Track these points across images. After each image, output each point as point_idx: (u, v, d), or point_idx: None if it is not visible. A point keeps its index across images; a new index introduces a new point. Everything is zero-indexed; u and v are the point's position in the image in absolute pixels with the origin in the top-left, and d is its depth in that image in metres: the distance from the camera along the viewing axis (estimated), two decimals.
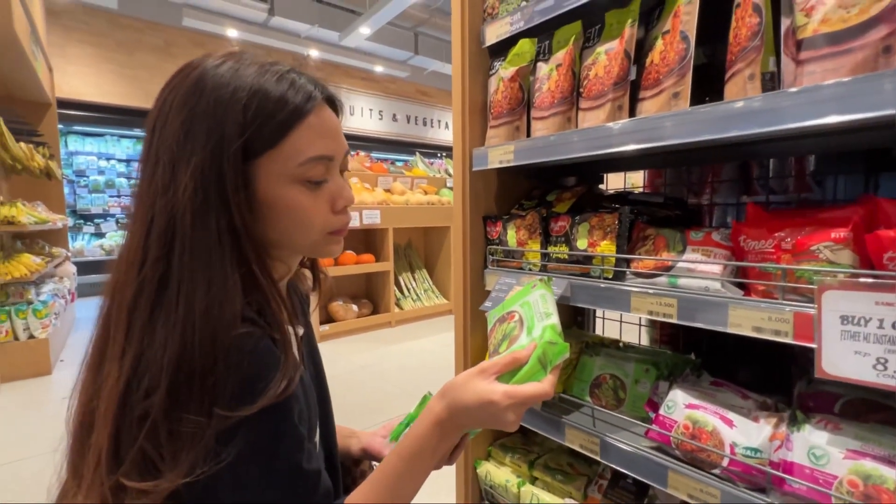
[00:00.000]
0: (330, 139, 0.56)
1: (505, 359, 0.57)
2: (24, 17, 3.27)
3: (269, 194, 0.53)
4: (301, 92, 0.54)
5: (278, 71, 0.54)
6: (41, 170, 3.95)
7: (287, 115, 0.52)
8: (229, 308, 0.47)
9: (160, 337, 0.45)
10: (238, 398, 0.46)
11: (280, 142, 0.52)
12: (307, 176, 0.54)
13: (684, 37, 0.77)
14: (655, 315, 0.83)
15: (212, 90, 0.50)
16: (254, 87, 0.51)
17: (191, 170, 0.48)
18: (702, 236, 0.81)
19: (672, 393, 0.87)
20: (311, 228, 0.57)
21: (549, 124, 1.00)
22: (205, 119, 0.49)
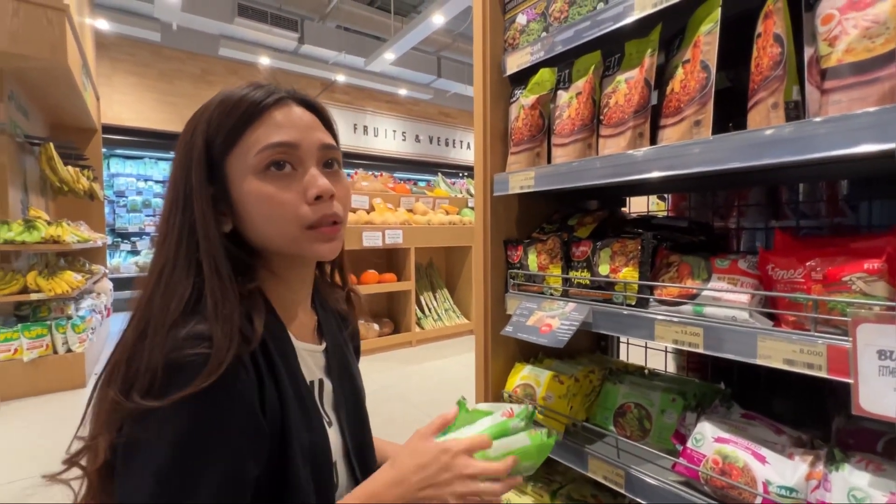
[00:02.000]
0: (292, 129, 0.56)
1: (436, 420, 0.64)
2: (77, 52, 3.53)
3: (239, 192, 0.56)
4: (262, 90, 0.57)
5: (249, 83, 0.59)
6: (85, 191, 4.19)
7: (244, 111, 0.55)
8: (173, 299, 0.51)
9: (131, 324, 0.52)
10: (149, 393, 0.47)
11: (238, 140, 0.55)
12: (265, 163, 0.55)
13: (705, 66, 0.77)
14: (680, 344, 0.81)
15: (197, 112, 0.58)
16: (222, 99, 0.57)
17: (170, 177, 0.57)
18: (727, 264, 0.79)
19: (700, 425, 0.84)
20: (284, 221, 0.56)
21: (569, 151, 1.01)
22: (184, 134, 0.57)
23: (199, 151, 0.55)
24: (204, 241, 0.53)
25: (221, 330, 0.49)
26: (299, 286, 0.66)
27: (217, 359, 0.48)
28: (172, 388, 0.46)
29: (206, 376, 0.47)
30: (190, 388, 0.46)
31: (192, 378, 0.47)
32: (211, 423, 0.48)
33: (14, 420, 2.58)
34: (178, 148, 0.58)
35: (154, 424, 0.47)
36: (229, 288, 0.53)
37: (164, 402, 0.46)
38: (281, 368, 0.57)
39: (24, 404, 2.81)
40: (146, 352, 0.48)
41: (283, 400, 0.56)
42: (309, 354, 0.66)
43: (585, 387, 1.10)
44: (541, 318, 1.03)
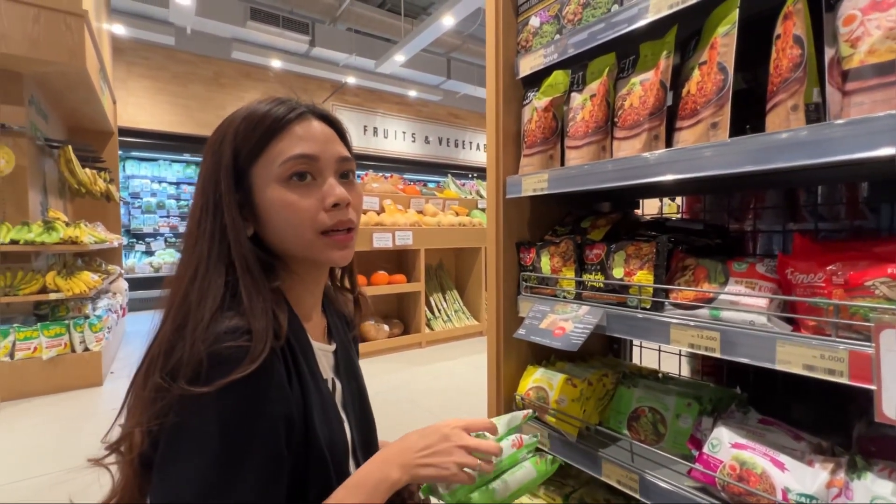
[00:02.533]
0: (312, 142, 0.61)
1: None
2: (95, 56, 3.61)
3: (262, 198, 0.60)
4: (286, 105, 0.61)
5: (273, 98, 0.63)
6: (102, 193, 4.27)
7: (269, 125, 0.59)
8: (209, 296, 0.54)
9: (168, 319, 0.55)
10: (195, 380, 0.49)
11: (265, 149, 0.59)
12: (289, 174, 0.59)
13: (722, 68, 0.77)
14: (697, 348, 0.80)
15: (225, 122, 0.62)
16: (248, 112, 0.61)
17: (199, 182, 0.61)
18: (745, 268, 0.79)
19: (717, 430, 0.83)
20: (301, 226, 0.60)
21: (583, 153, 1.01)
22: (213, 143, 0.61)
23: (227, 160, 0.59)
24: (235, 243, 0.58)
25: (259, 323, 0.53)
26: (315, 288, 0.70)
27: (257, 349, 0.52)
28: (217, 376, 0.50)
29: (248, 364, 0.51)
30: (234, 375, 0.50)
31: (235, 367, 0.50)
32: (254, 407, 0.52)
33: (34, 417, 2.63)
34: (205, 157, 0.62)
35: (201, 409, 0.50)
36: (261, 285, 0.57)
37: (211, 388, 0.49)
38: (303, 365, 0.61)
39: (43, 401, 2.87)
40: (188, 344, 0.51)
41: (306, 395, 0.59)
42: (323, 353, 0.69)
43: (599, 390, 1.09)
44: (554, 320, 1.03)
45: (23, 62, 3.01)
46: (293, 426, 0.56)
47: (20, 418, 2.61)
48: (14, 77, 3.12)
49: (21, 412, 2.70)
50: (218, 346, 0.51)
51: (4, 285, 2.91)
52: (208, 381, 0.49)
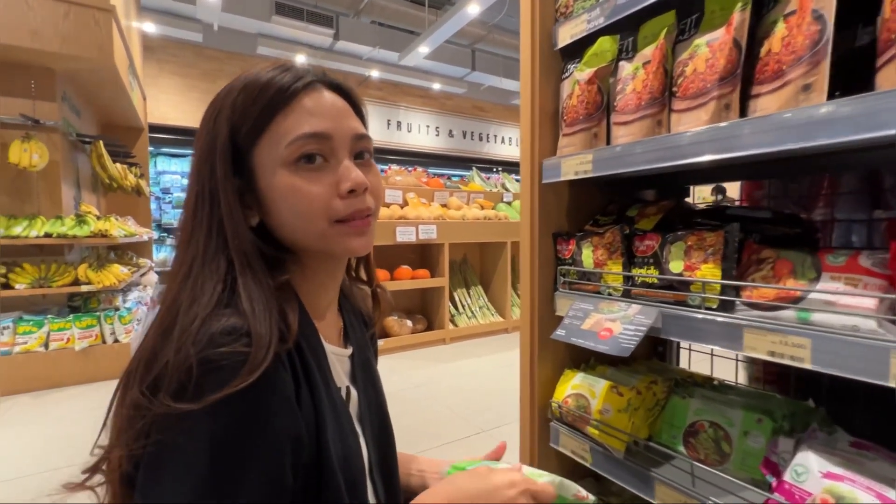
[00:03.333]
0: (324, 118, 0.52)
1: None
2: (124, 54, 3.65)
3: (267, 184, 0.51)
4: (290, 73, 0.52)
5: (275, 64, 0.53)
6: (133, 188, 4.36)
7: (272, 97, 0.50)
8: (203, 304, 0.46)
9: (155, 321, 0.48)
10: (182, 393, 0.41)
11: (268, 125, 0.50)
12: (296, 156, 0.50)
13: (818, 17, 0.63)
14: (779, 357, 0.67)
15: (218, 97, 0.53)
16: (246, 82, 0.51)
17: (192, 165, 0.52)
18: (844, 261, 0.65)
19: (801, 455, 0.70)
20: (312, 215, 0.51)
21: (634, 129, 0.88)
22: (207, 120, 0.52)
23: (223, 140, 0.50)
24: (233, 236, 0.50)
25: (260, 324, 0.45)
26: (330, 284, 0.61)
27: (257, 355, 0.43)
28: (209, 388, 0.41)
29: (247, 374, 0.42)
30: (228, 388, 0.41)
31: (231, 377, 0.42)
32: (251, 424, 0.43)
33: (68, 406, 2.69)
34: (199, 136, 0.53)
35: (188, 427, 0.41)
36: (263, 282, 0.49)
37: (201, 405, 0.40)
38: (315, 372, 0.52)
39: (76, 391, 2.93)
40: (173, 350, 0.43)
41: (318, 406, 0.51)
42: (338, 359, 0.60)
43: (648, 400, 0.97)
44: (599, 320, 0.91)
45: (55, 58, 3.06)
46: (301, 447, 0.47)
47: (55, 407, 2.66)
48: (47, 73, 3.18)
49: (55, 401, 2.76)
50: (210, 351, 0.42)
51: (39, 277, 2.98)
52: (197, 395, 0.41)
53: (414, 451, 0.76)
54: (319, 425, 0.50)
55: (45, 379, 2.94)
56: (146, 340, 0.46)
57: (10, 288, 2.88)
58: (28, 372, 2.89)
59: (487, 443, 2.18)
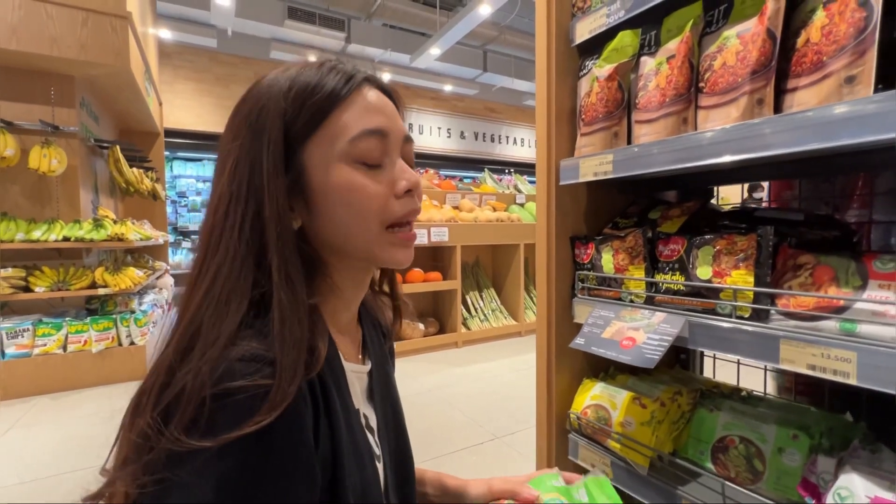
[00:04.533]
0: (379, 114, 0.50)
1: None
2: (140, 60, 3.70)
3: (321, 181, 0.48)
4: (341, 73, 0.50)
5: (320, 61, 0.51)
6: (149, 192, 4.42)
7: (327, 95, 0.48)
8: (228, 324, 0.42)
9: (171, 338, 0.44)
10: (194, 427, 0.37)
11: (323, 122, 0.48)
12: (360, 152, 0.48)
13: (864, 2, 0.58)
14: (821, 371, 0.62)
15: (259, 90, 0.50)
16: (294, 76, 0.49)
17: (231, 161, 0.48)
18: (894, 266, 0.59)
19: (845, 477, 0.64)
20: (369, 215, 0.49)
21: (658, 128, 0.83)
22: (248, 114, 0.49)
23: (275, 134, 0.47)
24: (278, 241, 0.45)
25: (288, 353, 0.41)
26: (354, 300, 0.58)
27: (281, 393, 0.39)
28: (223, 425, 0.37)
29: (266, 412, 0.38)
30: (244, 428, 0.37)
31: (248, 414, 0.38)
32: (264, 468, 0.39)
33: (86, 407, 2.72)
34: (234, 133, 0.49)
35: (197, 467, 0.38)
36: (301, 299, 0.45)
37: (212, 443, 0.37)
38: (334, 397, 0.48)
39: (94, 392, 2.97)
40: (191, 375, 0.39)
41: (336, 433, 0.47)
42: (356, 377, 0.56)
43: (673, 412, 0.92)
44: (620, 329, 0.86)
45: (73, 65, 3.11)
46: (316, 486, 0.43)
47: (73, 408, 2.70)
48: (66, 80, 3.24)
49: (73, 403, 2.80)
50: (230, 384, 0.38)
51: (58, 280, 3.02)
52: (210, 431, 0.37)
53: (427, 456, 0.73)
54: (336, 459, 0.46)
55: (63, 381, 2.98)
56: (163, 358, 0.43)
57: (30, 291, 2.93)
58: (47, 374, 2.94)
59: (501, 449, 2.13)
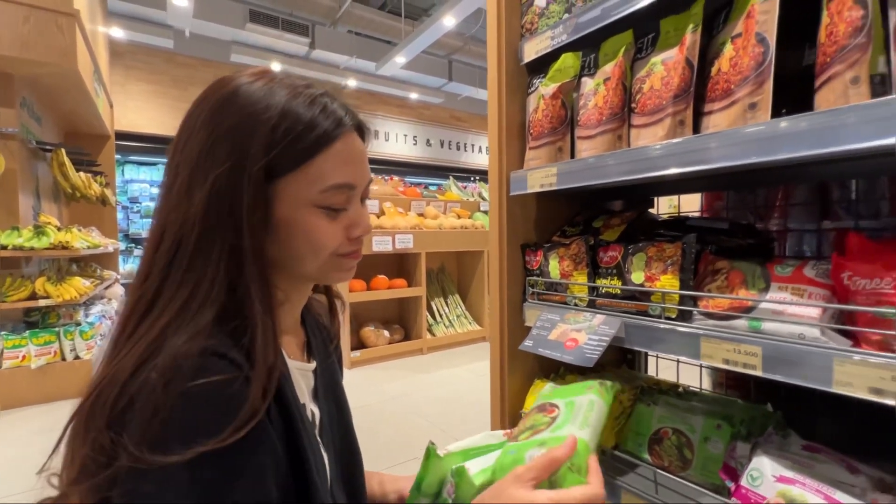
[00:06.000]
0: (355, 167, 0.54)
1: (542, 460, 0.50)
2: (88, 60, 3.54)
3: (287, 216, 0.51)
4: (331, 117, 0.52)
5: (311, 94, 0.52)
6: (97, 197, 4.20)
7: (315, 139, 0.50)
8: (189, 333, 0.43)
9: (130, 351, 0.43)
10: (158, 438, 0.38)
11: (304, 164, 0.50)
12: (328, 203, 0.52)
13: (761, 39, 0.66)
14: (733, 365, 0.69)
15: (241, 107, 0.49)
16: (285, 108, 0.49)
17: (208, 185, 0.47)
18: (790, 271, 0.68)
19: (757, 459, 0.72)
20: (322, 251, 0.53)
21: (596, 144, 0.90)
22: (230, 135, 0.48)
23: (259, 168, 0.47)
24: (256, 267, 0.48)
25: (264, 374, 0.44)
26: (298, 304, 0.62)
27: (253, 406, 0.41)
28: (193, 437, 0.38)
29: (240, 426, 0.39)
30: (217, 442, 0.38)
31: (220, 427, 0.39)
32: (237, 475, 0.41)
33: (20, 428, 2.54)
34: (213, 146, 0.47)
35: (163, 476, 0.38)
36: (276, 329, 0.48)
37: (184, 457, 0.37)
38: (288, 394, 0.51)
39: (31, 412, 2.78)
40: (155, 385, 0.39)
41: (293, 428, 0.50)
42: (301, 374, 0.60)
43: (615, 408, 0.98)
44: (565, 331, 0.92)
45: (13, 63, 2.94)
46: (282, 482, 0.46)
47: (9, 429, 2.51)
48: (4, 78, 3.06)
49: (8, 423, 2.61)
50: (199, 389, 0.39)
51: None
52: (184, 441, 0.38)
53: (389, 463, 0.76)
54: (297, 445, 0.49)
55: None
56: (119, 365, 0.42)
57: None
58: None
59: None
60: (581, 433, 0.55)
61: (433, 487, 0.58)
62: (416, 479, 0.61)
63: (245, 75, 0.52)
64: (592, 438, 0.56)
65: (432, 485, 0.58)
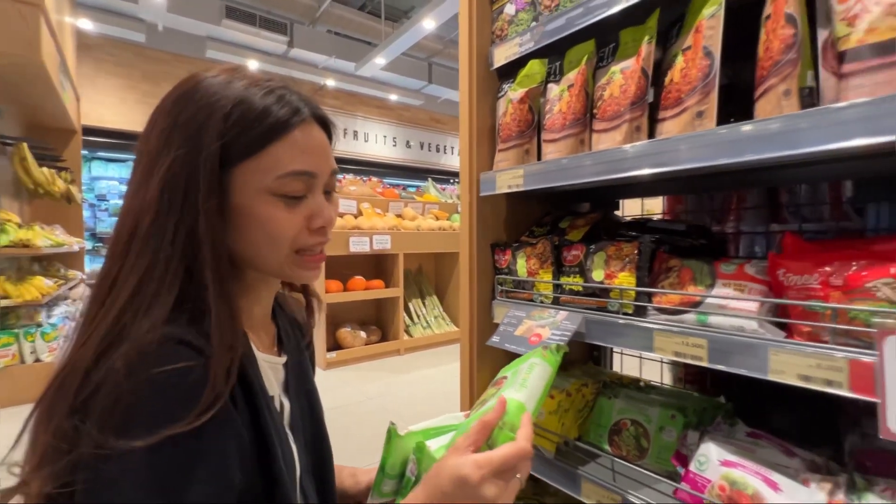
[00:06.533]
0: (313, 156, 0.54)
1: (475, 426, 0.52)
2: (54, 50, 3.41)
3: (243, 204, 0.51)
4: (287, 106, 0.52)
5: (269, 86, 0.53)
6: (62, 194, 4.04)
7: (269, 127, 0.50)
8: (151, 320, 0.43)
9: (89, 338, 0.43)
10: (123, 424, 0.39)
11: (259, 152, 0.50)
12: (285, 190, 0.52)
13: (708, 52, 0.71)
14: (683, 357, 0.74)
15: (199, 98, 0.50)
16: (239, 97, 0.50)
17: (162, 171, 0.47)
18: (734, 269, 0.72)
19: (704, 446, 0.76)
20: (281, 244, 0.53)
21: (560, 147, 0.94)
22: (186, 124, 0.49)
23: (213, 154, 0.48)
24: (213, 259, 0.48)
25: (225, 356, 0.44)
26: (267, 298, 0.62)
27: (214, 389, 0.42)
28: (156, 423, 0.39)
29: (203, 410, 0.40)
30: (181, 426, 0.39)
31: (183, 412, 0.40)
32: (198, 461, 0.41)
33: None
34: (168, 137, 0.49)
35: (126, 462, 0.38)
36: (234, 313, 0.48)
37: (147, 442, 0.38)
38: (255, 384, 0.52)
39: None
40: (119, 373, 0.40)
41: (258, 415, 0.51)
42: (270, 367, 0.60)
43: (578, 402, 1.02)
44: (530, 327, 0.95)
45: None
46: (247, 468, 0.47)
47: None
48: None
49: None
50: (162, 377, 0.40)
51: None
52: (147, 427, 0.38)
53: (363, 463, 0.77)
54: (266, 439, 0.50)
55: None
56: (80, 353, 0.43)
57: None
58: None
59: None
60: (517, 395, 0.56)
61: (396, 468, 0.60)
62: (380, 462, 0.62)
63: (212, 71, 0.53)
64: (529, 398, 0.57)
65: (395, 465, 0.60)
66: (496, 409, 0.53)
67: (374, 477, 0.73)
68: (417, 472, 0.57)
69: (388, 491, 0.61)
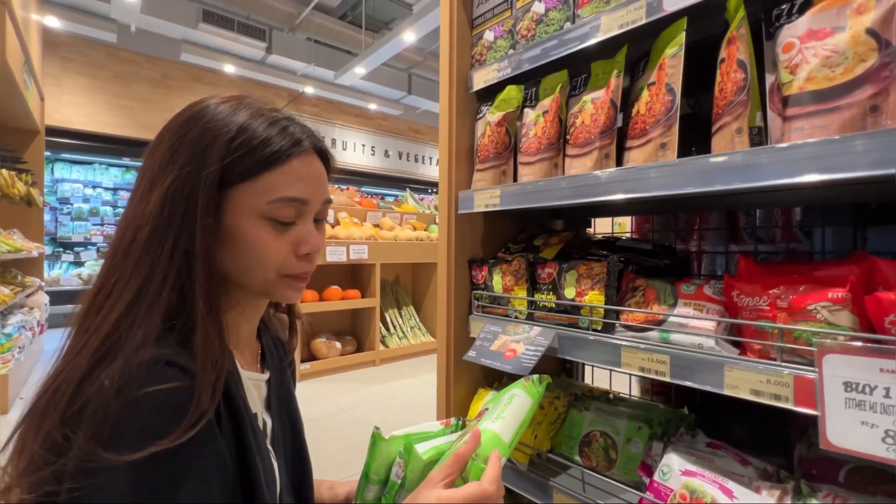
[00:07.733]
0: (308, 184, 0.55)
1: (450, 459, 0.54)
2: (17, 48, 3.28)
3: (235, 225, 0.53)
4: (289, 138, 0.54)
5: (273, 117, 0.55)
6: (21, 197, 3.86)
7: (269, 155, 0.52)
8: (145, 333, 0.45)
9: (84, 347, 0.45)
10: (110, 436, 0.40)
11: (256, 176, 0.52)
12: (275, 214, 0.54)
13: (670, 89, 0.77)
14: (647, 372, 0.78)
15: (206, 122, 0.52)
16: (244, 125, 0.53)
17: (164, 186, 0.50)
18: (693, 290, 0.78)
19: (667, 457, 0.81)
20: (267, 267, 0.54)
21: (535, 170, 0.98)
22: (191, 144, 0.51)
23: (213, 176, 0.50)
24: (204, 268, 0.50)
25: (210, 375, 0.46)
26: (254, 317, 0.63)
27: (200, 407, 0.43)
28: (142, 441, 0.40)
29: (188, 427, 0.41)
30: (166, 443, 0.40)
31: (169, 430, 0.41)
32: (181, 477, 0.42)
33: None
34: (176, 152, 0.51)
35: (111, 476, 0.39)
36: (221, 331, 0.50)
37: (130, 457, 0.39)
38: (238, 400, 0.53)
39: None
40: (112, 387, 0.41)
41: (243, 434, 0.52)
42: (253, 385, 0.61)
43: (550, 414, 1.05)
44: (505, 342, 0.99)
45: None
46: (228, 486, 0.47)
47: None
48: None
49: None
50: (142, 391, 0.41)
51: None
52: (125, 441, 0.39)
53: (339, 474, 0.78)
54: (247, 456, 0.51)
55: None
56: (74, 363, 0.44)
57: None
58: None
59: None
60: (492, 426, 0.59)
61: (381, 473, 0.61)
62: (363, 470, 0.63)
63: (217, 98, 0.56)
64: (505, 429, 0.59)
65: (380, 470, 0.61)
66: (469, 442, 0.56)
67: (355, 487, 0.74)
68: (403, 475, 0.58)
69: (372, 497, 0.62)
